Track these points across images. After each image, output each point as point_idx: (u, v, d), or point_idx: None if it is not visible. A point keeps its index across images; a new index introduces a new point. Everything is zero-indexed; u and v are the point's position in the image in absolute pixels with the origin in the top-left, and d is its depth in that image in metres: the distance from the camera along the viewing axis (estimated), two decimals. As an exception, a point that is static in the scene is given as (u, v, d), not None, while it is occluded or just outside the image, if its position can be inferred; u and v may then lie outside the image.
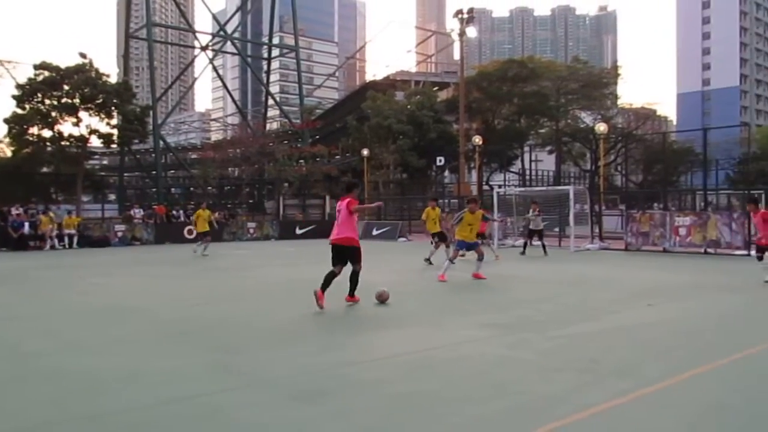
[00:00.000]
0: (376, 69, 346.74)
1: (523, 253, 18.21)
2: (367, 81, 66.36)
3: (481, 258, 12.13)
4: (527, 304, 9.06)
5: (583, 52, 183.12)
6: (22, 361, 5.94)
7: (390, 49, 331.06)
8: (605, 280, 12.31)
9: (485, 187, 43.88)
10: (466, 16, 32.95)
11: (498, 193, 23.75)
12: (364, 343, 6.63)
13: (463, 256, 12.74)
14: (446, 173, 52.84)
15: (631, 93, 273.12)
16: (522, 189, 29.66)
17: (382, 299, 8.91)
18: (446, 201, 38.17)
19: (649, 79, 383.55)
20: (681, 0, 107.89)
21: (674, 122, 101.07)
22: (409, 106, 46.47)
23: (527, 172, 52.69)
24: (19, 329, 7.59)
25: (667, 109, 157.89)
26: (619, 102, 56.43)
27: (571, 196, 20.22)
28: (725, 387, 4.91)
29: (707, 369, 5.39)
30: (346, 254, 8.60)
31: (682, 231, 18.57)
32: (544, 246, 18.33)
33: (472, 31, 34.90)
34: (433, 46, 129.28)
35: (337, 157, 51.49)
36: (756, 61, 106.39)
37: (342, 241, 8.59)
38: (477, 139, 35.05)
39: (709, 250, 17.91)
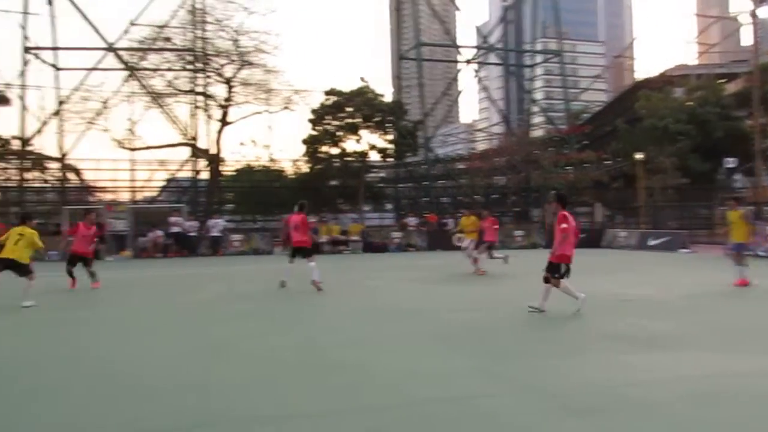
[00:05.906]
0: (648, 66, 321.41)
1: None
2: (639, 80, 61.87)
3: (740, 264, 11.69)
4: None
5: None
6: (312, 353, 6.87)
7: (663, 42, 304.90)
8: None
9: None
10: (759, -5, 28.93)
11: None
12: (642, 362, 6.23)
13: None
14: (737, 176, 46.76)
15: None
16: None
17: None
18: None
19: None
20: None
21: None
22: (689, 104, 42.27)
23: None
24: (311, 327, 8.60)
25: None
26: None
27: None
28: None
29: None
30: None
31: None
32: None
33: (765, 11, 30.53)
34: (716, 33, 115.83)
35: (607, 162, 48.92)
36: None
37: None
38: (776, 136, 30.49)
39: None
